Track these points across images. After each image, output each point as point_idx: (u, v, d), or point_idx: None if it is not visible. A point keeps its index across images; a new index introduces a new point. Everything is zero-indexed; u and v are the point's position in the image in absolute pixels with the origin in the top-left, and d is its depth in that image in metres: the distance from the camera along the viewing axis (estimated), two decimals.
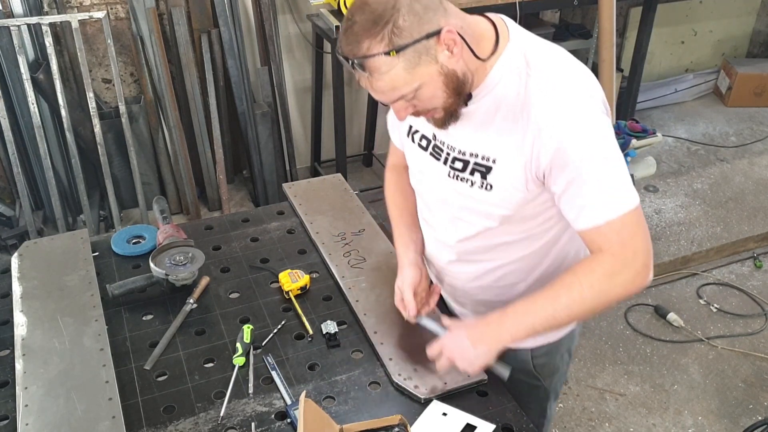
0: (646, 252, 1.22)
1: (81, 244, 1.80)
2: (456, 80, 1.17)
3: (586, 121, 1.18)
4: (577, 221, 1.23)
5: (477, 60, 1.18)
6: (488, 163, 1.26)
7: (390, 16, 1.09)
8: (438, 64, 1.14)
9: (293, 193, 2.04)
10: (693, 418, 2.59)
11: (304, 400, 1.22)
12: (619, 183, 1.20)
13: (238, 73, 3.40)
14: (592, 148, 1.18)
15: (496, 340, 1.29)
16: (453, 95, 1.19)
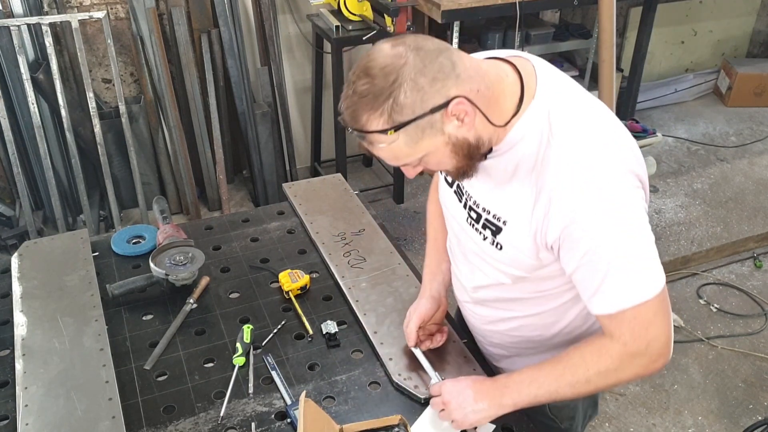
0: (664, 341, 1.13)
1: (81, 244, 1.80)
2: (467, 147, 1.10)
3: (601, 201, 1.06)
4: (588, 303, 1.15)
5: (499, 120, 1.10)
6: (499, 223, 1.20)
7: (390, 92, 1.02)
8: (445, 135, 1.07)
9: (293, 193, 2.04)
10: (693, 418, 2.59)
11: (304, 400, 1.22)
12: (636, 270, 1.09)
13: (238, 73, 3.40)
14: (606, 231, 1.07)
15: (498, 403, 1.24)
16: (464, 159, 1.12)
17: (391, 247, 1.82)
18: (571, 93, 1.15)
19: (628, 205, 1.08)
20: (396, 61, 1.02)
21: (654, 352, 1.14)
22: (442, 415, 1.29)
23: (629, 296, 1.10)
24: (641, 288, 1.09)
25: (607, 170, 1.08)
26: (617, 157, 1.09)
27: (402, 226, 3.63)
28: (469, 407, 1.25)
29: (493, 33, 3.80)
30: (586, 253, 1.09)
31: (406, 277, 1.70)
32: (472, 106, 1.05)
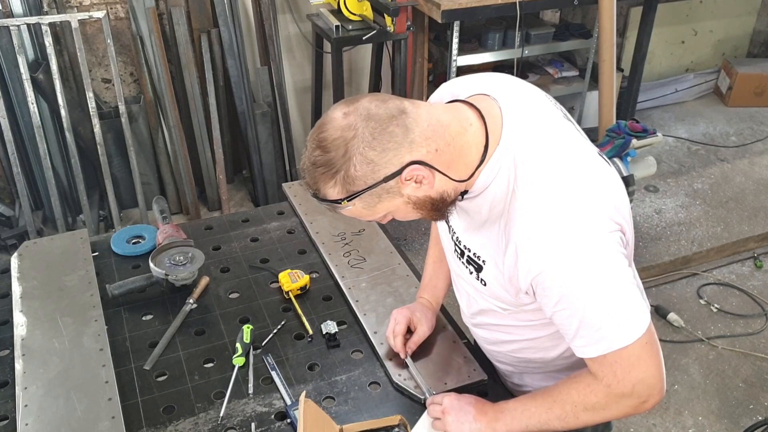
0: (651, 382, 1.12)
1: (81, 244, 1.80)
2: (430, 202, 1.11)
3: (568, 252, 1.04)
4: (570, 345, 1.14)
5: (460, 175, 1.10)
6: (479, 262, 1.21)
7: (341, 165, 1.03)
8: (404, 196, 1.08)
9: (293, 193, 2.04)
10: (693, 418, 2.59)
11: (304, 401, 1.22)
12: (612, 316, 1.07)
13: (238, 73, 3.40)
14: (576, 281, 1.05)
15: (492, 427, 1.24)
16: (430, 212, 1.13)
17: (391, 247, 1.82)
18: (539, 136, 1.11)
19: (598, 253, 1.05)
20: (346, 134, 1.02)
21: (642, 393, 1.13)
22: (437, 424, 1.29)
23: (607, 342, 1.08)
24: (619, 334, 1.07)
25: (574, 220, 1.05)
26: (586, 206, 1.06)
27: (402, 226, 3.63)
28: (467, 425, 1.25)
29: (493, 33, 3.80)
30: (559, 301, 1.08)
31: (406, 277, 1.70)
32: (429, 168, 1.05)
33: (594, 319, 1.07)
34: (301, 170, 1.10)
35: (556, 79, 4.28)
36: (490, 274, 1.19)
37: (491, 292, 1.22)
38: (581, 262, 1.04)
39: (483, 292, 1.25)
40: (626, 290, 1.07)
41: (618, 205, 1.10)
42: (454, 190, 1.12)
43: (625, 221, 1.10)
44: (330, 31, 3.22)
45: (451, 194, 1.12)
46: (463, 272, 1.29)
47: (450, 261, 1.36)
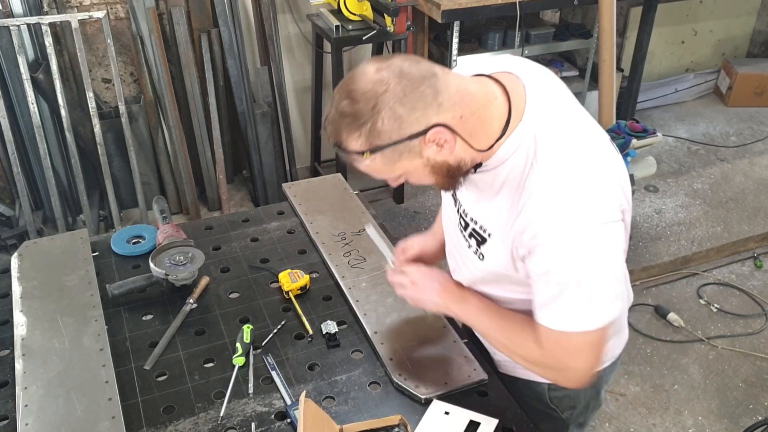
0: (581, 374, 1.19)
1: (81, 244, 1.80)
2: (446, 168, 1.13)
3: (573, 234, 1.08)
4: (534, 311, 1.19)
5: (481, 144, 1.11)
6: (484, 235, 1.23)
7: (369, 117, 1.04)
8: (423, 158, 1.10)
9: (293, 193, 2.04)
10: (693, 418, 2.59)
11: (304, 400, 1.22)
12: (584, 302, 1.11)
13: (238, 73, 3.40)
14: (570, 261, 1.09)
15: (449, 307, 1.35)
16: (444, 179, 1.15)
17: (392, 246, 1.82)
18: (560, 115, 1.15)
19: (599, 242, 1.08)
20: (377, 87, 1.03)
21: (568, 376, 1.21)
22: (400, 290, 1.40)
23: (564, 322, 1.13)
24: (579, 319, 1.12)
25: (587, 203, 1.08)
26: (600, 189, 1.09)
27: (402, 226, 3.63)
28: (430, 296, 1.36)
29: (493, 33, 3.81)
30: (546, 273, 1.12)
31: None
32: (452, 133, 1.07)
33: (569, 300, 1.11)
34: (325, 120, 1.10)
35: None
36: (492, 247, 1.22)
37: (486, 268, 1.26)
38: (581, 246, 1.08)
39: (477, 268, 1.29)
40: (610, 283, 1.12)
41: (625, 189, 1.14)
42: (471, 160, 1.14)
43: (628, 205, 1.14)
44: (330, 31, 3.22)
45: (468, 163, 1.14)
46: (462, 245, 1.32)
47: (451, 233, 1.38)
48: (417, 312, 1.58)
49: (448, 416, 1.34)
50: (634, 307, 3.12)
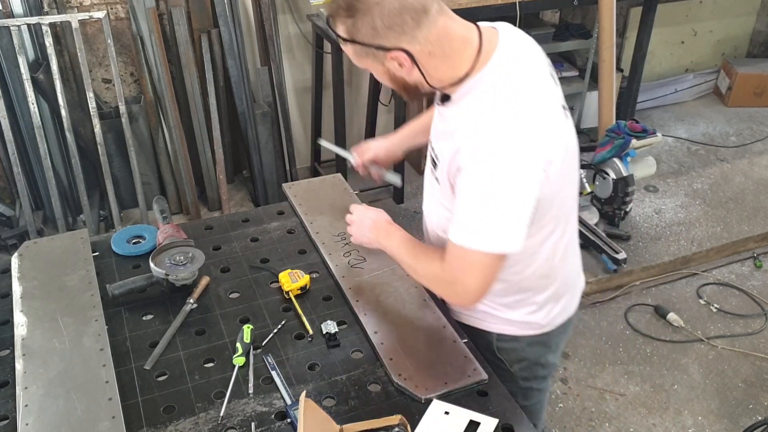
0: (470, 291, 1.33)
1: (81, 244, 1.80)
2: (404, 84, 1.31)
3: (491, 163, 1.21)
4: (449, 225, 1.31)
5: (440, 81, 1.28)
6: (437, 159, 1.39)
7: (356, 15, 1.21)
8: (384, 66, 1.28)
9: (293, 193, 2.04)
10: (693, 418, 2.59)
11: (304, 400, 1.22)
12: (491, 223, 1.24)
13: (238, 73, 3.40)
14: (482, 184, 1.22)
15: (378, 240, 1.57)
16: (401, 90, 1.33)
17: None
18: (519, 72, 1.28)
19: (511, 178, 1.22)
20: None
21: (457, 290, 1.36)
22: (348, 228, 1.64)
23: (466, 237, 1.27)
24: (479, 239, 1.26)
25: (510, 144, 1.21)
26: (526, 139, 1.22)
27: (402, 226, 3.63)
28: (365, 232, 1.60)
29: None
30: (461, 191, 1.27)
31: (406, 277, 1.70)
32: (412, 62, 1.24)
33: (473, 219, 1.25)
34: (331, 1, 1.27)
35: None
36: (441, 170, 1.37)
37: (440, 192, 1.42)
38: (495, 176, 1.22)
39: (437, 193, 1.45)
40: (512, 218, 1.24)
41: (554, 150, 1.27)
42: (430, 89, 1.31)
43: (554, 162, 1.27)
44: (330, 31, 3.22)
45: (426, 88, 1.31)
46: (428, 178, 1.50)
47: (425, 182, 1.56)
48: (417, 312, 1.59)
49: (448, 416, 1.34)
50: (634, 307, 3.12)
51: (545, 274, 1.47)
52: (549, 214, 1.35)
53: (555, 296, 1.51)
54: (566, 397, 2.67)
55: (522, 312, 1.51)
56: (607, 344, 2.93)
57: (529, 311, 1.51)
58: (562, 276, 1.51)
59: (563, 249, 1.46)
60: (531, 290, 1.48)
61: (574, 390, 2.70)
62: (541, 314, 1.52)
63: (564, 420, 2.57)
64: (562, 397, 2.67)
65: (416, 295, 1.64)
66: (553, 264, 1.46)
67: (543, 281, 1.48)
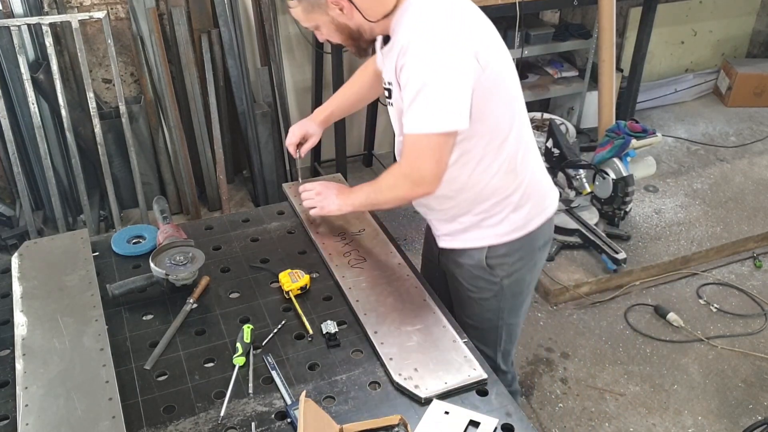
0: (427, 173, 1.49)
1: (81, 244, 1.80)
2: (349, 31, 1.52)
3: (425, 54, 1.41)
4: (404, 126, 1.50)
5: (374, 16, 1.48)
6: (389, 87, 1.57)
7: None
8: (329, 17, 1.49)
9: (293, 193, 2.04)
10: (693, 418, 2.59)
11: (304, 400, 1.22)
12: (430, 108, 1.42)
13: (238, 73, 3.40)
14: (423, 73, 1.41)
15: (345, 202, 1.74)
16: (348, 40, 1.55)
17: (391, 247, 1.82)
18: None
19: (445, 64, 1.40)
20: None
21: (416, 179, 1.51)
22: (308, 203, 1.82)
23: (413, 125, 1.45)
24: (425, 122, 1.44)
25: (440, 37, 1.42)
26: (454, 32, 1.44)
27: (402, 226, 3.64)
28: (331, 199, 1.76)
29: None
30: (405, 84, 1.45)
31: (407, 277, 1.70)
32: (349, 3, 1.45)
33: (418, 106, 1.43)
34: None
35: (556, 79, 4.28)
36: (393, 93, 1.55)
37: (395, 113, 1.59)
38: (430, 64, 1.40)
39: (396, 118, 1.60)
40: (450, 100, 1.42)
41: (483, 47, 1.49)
42: (371, 30, 1.53)
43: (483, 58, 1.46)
44: None
45: (367, 32, 1.53)
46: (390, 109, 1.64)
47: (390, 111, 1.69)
48: (417, 312, 1.59)
49: (448, 416, 1.34)
50: (634, 307, 3.13)
51: (511, 169, 1.62)
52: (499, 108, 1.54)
53: (527, 195, 1.67)
54: (566, 397, 2.67)
55: (502, 216, 1.67)
56: (607, 344, 2.93)
57: (508, 213, 1.67)
58: (529, 175, 1.66)
59: (524, 149, 1.64)
60: (502, 189, 1.64)
61: (574, 390, 2.71)
62: (520, 214, 1.68)
63: (564, 420, 2.57)
64: (562, 397, 2.67)
65: (416, 295, 1.64)
66: (517, 161, 1.62)
67: (510, 177, 1.63)
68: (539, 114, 4.11)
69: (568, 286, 3.14)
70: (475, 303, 1.79)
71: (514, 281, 1.76)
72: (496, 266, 1.72)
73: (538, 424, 2.54)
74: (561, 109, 4.52)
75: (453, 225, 1.72)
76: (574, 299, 3.17)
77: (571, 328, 3.02)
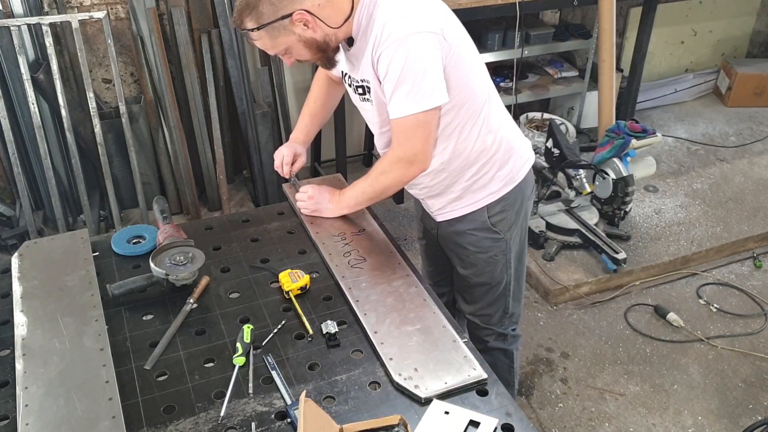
0: (419, 151, 1.62)
1: (81, 244, 1.80)
2: (316, 44, 1.58)
3: (398, 39, 1.49)
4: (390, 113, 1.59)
5: (336, 23, 1.55)
6: (366, 84, 1.65)
7: (256, 3, 1.51)
8: (296, 35, 1.55)
9: (292, 194, 2.04)
10: (693, 418, 2.59)
11: (304, 400, 1.22)
12: (417, 87, 1.51)
13: (238, 73, 3.40)
14: (400, 61, 1.49)
15: (339, 205, 1.86)
16: (318, 52, 1.60)
17: (391, 247, 1.82)
18: None
19: (417, 45, 1.50)
20: None
21: (410, 158, 1.63)
22: (302, 205, 1.93)
23: (404, 107, 1.54)
24: (410, 104, 1.53)
25: (408, 20, 1.51)
26: (419, 13, 1.53)
27: (402, 226, 3.64)
28: (325, 203, 1.89)
29: (493, 33, 3.81)
30: (386, 74, 1.53)
31: (407, 277, 1.70)
32: (312, 16, 1.52)
33: (400, 91, 1.52)
34: (234, 13, 1.55)
35: (556, 79, 4.28)
36: (371, 88, 1.63)
37: (374, 107, 1.68)
38: (405, 48, 1.49)
39: (373, 113, 1.70)
40: (427, 78, 1.51)
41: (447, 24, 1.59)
42: (335, 36, 1.59)
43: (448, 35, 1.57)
44: None
45: (333, 40, 1.59)
46: (363, 107, 1.75)
47: (358, 107, 1.79)
48: (417, 312, 1.59)
49: (448, 416, 1.34)
50: (634, 307, 3.13)
51: (489, 130, 1.74)
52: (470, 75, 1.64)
53: (508, 150, 1.80)
54: (566, 397, 2.67)
55: (491, 175, 1.79)
56: (607, 344, 2.93)
57: (496, 171, 1.79)
58: (504, 131, 1.79)
59: (495, 109, 1.76)
60: (486, 150, 1.76)
61: (574, 390, 2.71)
62: (507, 169, 1.81)
63: (564, 420, 2.57)
64: (562, 397, 2.67)
65: (416, 295, 1.64)
66: (491, 121, 1.74)
67: (490, 137, 1.75)
68: (539, 114, 4.11)
69: (568, 286, 3.14)
70: (485, 262, 1.92)
71: (516, 231, 1.91)
72: (498, 223, 1.86)
73: (538, 424, 2.54)
74: (561, 109, 4.52)
75: (448, 196, 1.84)
76: (574, 299, 3.17)
77: (571, 328, 3.02)
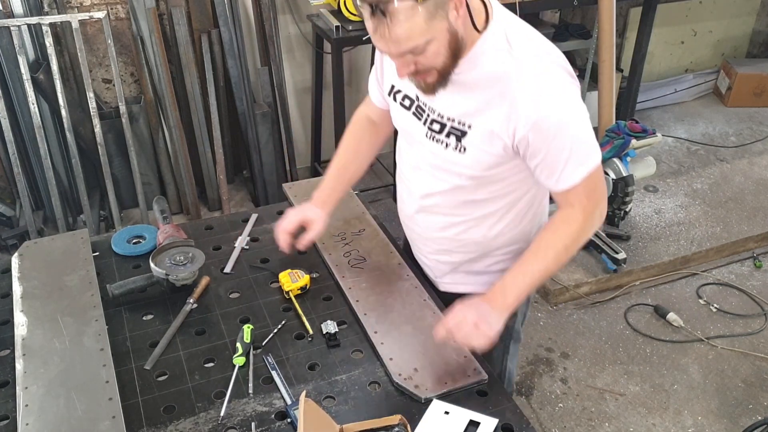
0: (602, 203, 1.45)
1: (81, 244, 1.80)
2: (457, 42, 1.29)
3: (559, 94, 1.33)
4: (555, 184, 1.40)
5: (472, 29, 1.31)
6: (464, 128, 1.39)
7: None
8: (448, 21, 1.24)
9: (293, 193, 2.04)
10: (693, 418, 2.59)
11: (304, 400, 1.22)
12: (587, 143, 1.37)
13: (238, 73, 3.40)
14: (565, 122, 1.33)
15: (504, 306, 1.42)
16: (451, 57, 1.31)
17: (391, 247, 1.82)
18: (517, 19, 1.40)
19: (575, 100, 1.35)
20: None
21: (601, 208, 1.45)
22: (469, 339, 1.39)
23: (585, 167, 1.37)
24: (590, 160, 1.37)
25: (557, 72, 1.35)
26: (559, 61, 1.38)
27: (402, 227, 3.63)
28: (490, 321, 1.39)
29: None
30: (555, 137, 1.33)
31: (407, 277, 1.70)
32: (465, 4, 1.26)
33: (576, 151, 1.35)
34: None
35: None
36: (474, 136, 1.39)
37: (468, 158, 1.41)
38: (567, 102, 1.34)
39: (455, 163, 1.43)
40: (589, 126, 1.37)
41: None
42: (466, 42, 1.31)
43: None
44: (330, 31, 3.22)
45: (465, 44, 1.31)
46: (433, 152, 1.46)
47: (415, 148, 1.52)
48: (417, 312, 1.59)
49: (448, 416, 1.34)
50: (634, 307, 3.12)
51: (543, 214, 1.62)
52: None
53: None
54: (566, 397, 2.67)
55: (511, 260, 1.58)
56: (607, 344, 2.93)
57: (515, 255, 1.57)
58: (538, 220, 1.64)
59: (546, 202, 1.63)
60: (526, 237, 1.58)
61: (574, 390, 2.71)
62: None
63: (564, 420, 2.57)
64: (562, 397, 2.67)
65: (416, 295, 1.64)
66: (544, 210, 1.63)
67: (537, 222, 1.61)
68: None
69: (568, 286, 3.14)
70: None
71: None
72: None
73: (538, 424, 2.54)
74: None
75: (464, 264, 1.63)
76: (574, 299, 3.17)
77: (571, 328, 3.02)
